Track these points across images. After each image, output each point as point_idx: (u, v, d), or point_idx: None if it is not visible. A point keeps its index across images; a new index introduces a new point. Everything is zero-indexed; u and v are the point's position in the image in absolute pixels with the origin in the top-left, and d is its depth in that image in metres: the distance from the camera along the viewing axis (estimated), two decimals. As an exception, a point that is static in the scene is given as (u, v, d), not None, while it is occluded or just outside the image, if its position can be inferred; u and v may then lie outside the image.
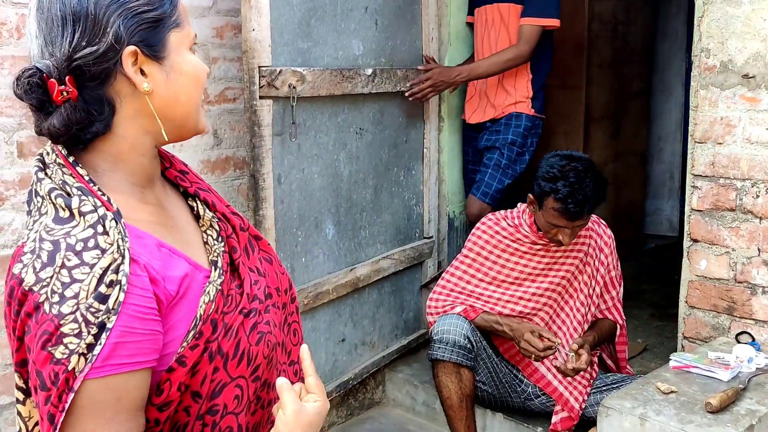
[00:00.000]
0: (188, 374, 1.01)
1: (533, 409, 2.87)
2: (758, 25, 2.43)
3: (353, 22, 2.95)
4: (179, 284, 1.02)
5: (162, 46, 1.03)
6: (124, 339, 0.93)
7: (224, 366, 1.04)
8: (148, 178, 1.09)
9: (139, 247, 0.99)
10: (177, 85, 1.05)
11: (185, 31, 1.06)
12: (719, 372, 2.29)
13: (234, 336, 1.05)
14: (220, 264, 1.09)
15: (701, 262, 2.65)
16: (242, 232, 1.17)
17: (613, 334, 2.83)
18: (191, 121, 1.09)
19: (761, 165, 2.47)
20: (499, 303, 2.75)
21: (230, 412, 1.06)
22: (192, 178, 1.18)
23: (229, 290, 1.08)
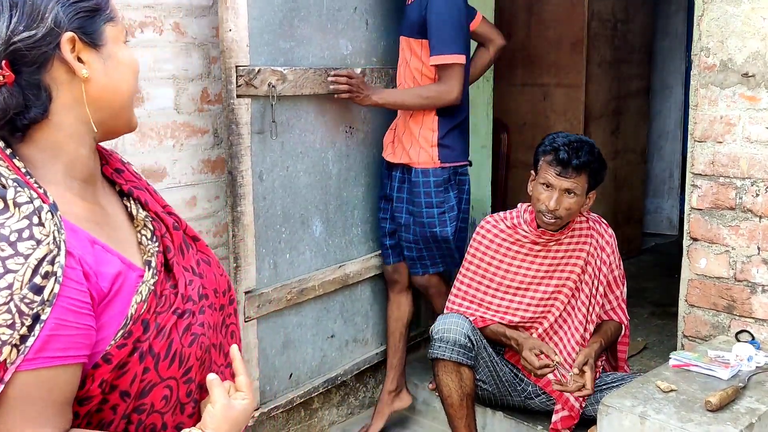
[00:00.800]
0: (114, 373, 1.00)
1: (533, 408, 2.88)
2: (758, 24, 2.43)
3: (341, 22, 2.96)
4: (112, 282, 1.01)
5: (99, 35, 1.04)
6: (57, 332, 0.93)
7: (155, 366, 1.03)
8: (88, 173, 1.08)
9: (74, 240, 0.98)
10: (115, 73, 1.06)
11: (119, 26, 1.08)
12: (719, 370, 2.30)
13: (166, 337, 1.05)
14: (153, 264, 1.09)
15: (701, 261, 2.66)
16: (176, 231, 1.17)
17: (618, 336, 2.83)
18: (126, 112, 1.11)
19: (761, 164, 2.48)
20: (509, 311, 2.76)
21: (156, 411, 1.05)
22: (127, 176, 1.18)
23: (163, 290, 1.08)
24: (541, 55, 4.57)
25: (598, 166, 2.59)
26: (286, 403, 2.92)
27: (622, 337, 2.86)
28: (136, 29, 2.47)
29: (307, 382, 3.04)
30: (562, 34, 4.47)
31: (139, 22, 2.47)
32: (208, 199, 2.74)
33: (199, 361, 1.10)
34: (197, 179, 2.70)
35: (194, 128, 2.66)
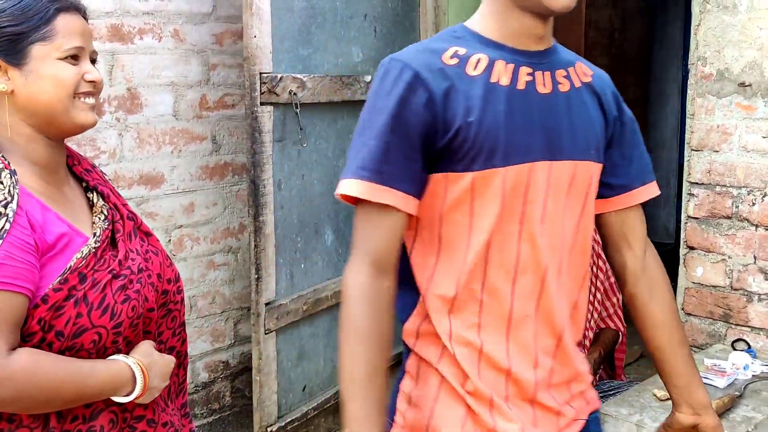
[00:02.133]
0: (50, 313, 1.20)
1: (530, 416, 2.87)
2: (754, 34, 2.44)
3: (353, 30, 2.96)
4: (57, 238, 1.23)
5: (22, 55, 1.26)
6: (6, 262, 1.15)
7: (88, 314, 1.23)
8: (46, 162, 1.30)
9: (26, 200, 1.21)
10: (34, 88, 1.26)
11: (55, 44, 1.27)
12: (715, 379, 2.30)
13: (101, 290, 1.25)
14: (98, 234, 1.29)
15: (697, 269, 2.67)
16: (128, 221, 1.38)
17: (616, 343, 2.84)
18: (59, 117, 1.28)
19: (757, 173, 2.49)
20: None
21: (85, 350, 1.24)
22: (94, 176, 1.41)
23: (104, 254, 1.28)
24: (538, 64, 4.58)
25: None
26: (300, 416, 2.89)
27: (619, 345, 2.87)
28: (136, 36, 2.48)
29: (320, 394, 3.01)
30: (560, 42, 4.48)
31: (139, 28, 2.48)
32: (207, 206, 2.74)
33: (129, 319, 1.28)
34: (195, 185, 2.70)
35: (193, 135, 2.67)
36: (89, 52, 1.32)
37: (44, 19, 1.27)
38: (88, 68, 1.31)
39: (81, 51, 1.30)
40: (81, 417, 1.26)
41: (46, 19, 1.27)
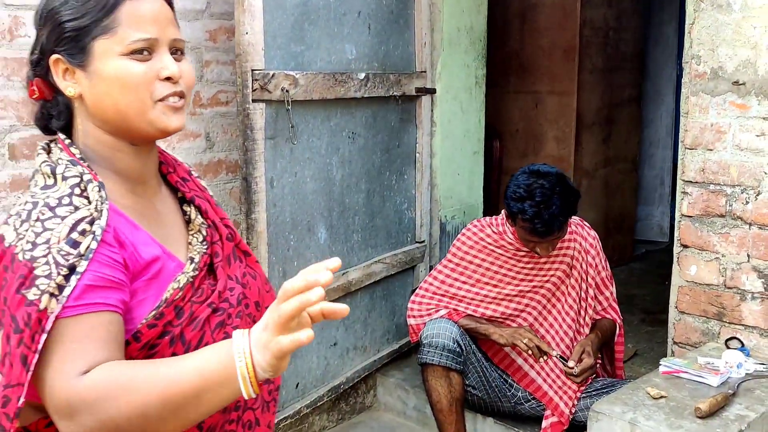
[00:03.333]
0: (142, 352, 1.04)
1: (523, 414, 2.88)
2: (748, 33, 2.45)
3: (346, 27, 2.96)
4: (150, 261, 1.08)
5: (84, 54, 1.09)
6: (94, 282, 1.00)
7: (184, 353, 1.03)
8: (132, 172, 1.15)
9: (114, 218, 1.07)
10: (101, 91, 1.10)
11: (118, 37, 1.08)
12: (709, 377, 2.30)
13: (199, 328, 1.08)
14: (197, 260, 1.13)
15: (691, 268, 2.67)
16: (228, 242, 1.21)
17: (614, 332, 2.85)
18: (131, 122, 1.11)
19: (751, 171, 2.49)
20: (482, 303, 2.77)
21: None
22: (191, 186, 1.24)
23: (201, 284, 1.12)
24: (533, 63, 4.58)
25: (571, 210, 2.60)
26: (293, 414, 2.89)
27: (617, 337, 2.87)
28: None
29: (313, 391, 3.02)
30: (555, 41, 4.49)
31: (132, 25, 2.47)
32: (200, 203, 2.73)
33: None
34: (189, 183, 2.69)
35: (186, 132, 2.66)
36: (168, 41, 1.12)
37: (106, 8, 1.08)
38: (164, 62, 1.10)
39: (153, 43, 1.10)
40: None
41: (108, 8, 1.08)
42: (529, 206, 2.52)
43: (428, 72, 3.41)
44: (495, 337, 2.70)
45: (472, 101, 3.74)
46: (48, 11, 1.10)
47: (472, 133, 3.78)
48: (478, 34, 3.72)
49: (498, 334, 2.69)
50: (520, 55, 4.62)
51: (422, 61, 3.38)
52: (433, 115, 3.50)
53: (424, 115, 3.44)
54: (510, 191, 2.61)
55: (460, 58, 3.60)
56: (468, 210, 3.79)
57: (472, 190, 3.83)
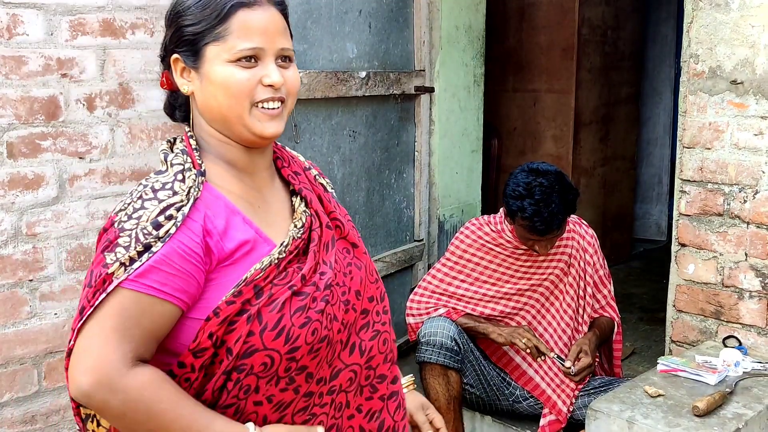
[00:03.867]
0: (221, 327, 1.10)
1: (521, 412, 2.88)
2: (746, 32, 2.45)
3: (348, 25, 2.96)
4: (238, 245, 1.14)
5: (198, 57, 1.19)
6: (161, 266, 1.08)
7: (260, 333, 1.11)
8: (243, 165, 1.23)
9: (212, 203, 1.15)
10: (207, 91, 1.19)
11: (227, 44, 1.17)
12: (706, 376, 2.31)
13: (277, 309, 1.13)
14: (286, 242, 1.19)
15: (689, 267, 2.67)
16: (327, 230, 1.26)
17: (612, 330, 2.86)
18: (231, 125, 1.20)
19: (749, 170, 2.50)
20: (481, 302, 2.77)
21: (254, 373, 1.13)
22: (302, 179, 1.31)
23: (287, 267, 1.17)
24: (532, 61, 4.59)
25: (570, 208, 2.60)
26: None
27: (615, 335, 2.88)
28: (128, 31, 2.47)
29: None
30: (553, 40, 4.49)
31: (131, 23, 2.46)
32: (199, 202, 2.74)
33: (308, 345, 1.15)
34: (188, 181, 2.69)
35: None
36: (276, 50, 1.19)
37: (220, 16, 1.17)
38: (268, 70, 1.18)
39: (260, 52, 1.17)
40: None
41: (222, 17, 1.17)
42: (528, 204, 2.52)
43: (427, 70, 3.41)
44: (493, 336, 2.70)
45: (471, 100, 3.75)
46: (173, 14, 1.21)
47: (471, 132, 3.78)
48: (477, 32, 3.72)
49: (496, 333, 2.69)
50: (518, 53, 4.62)
51: (421, 60, 3.38)
52: (431, 113, 3.50)
53: (423, 114, 3.44)
54: (509, 189, 2.61)
55: (458, 57, 3.61)
56: (466, 208, 3.79)
57: (470, 188, 3.84)
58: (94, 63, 2.41)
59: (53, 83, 2.32)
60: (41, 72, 2.29)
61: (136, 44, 2.48)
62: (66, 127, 2.37)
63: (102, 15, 2.41)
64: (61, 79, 2.34)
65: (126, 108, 2.50)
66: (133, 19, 2.46)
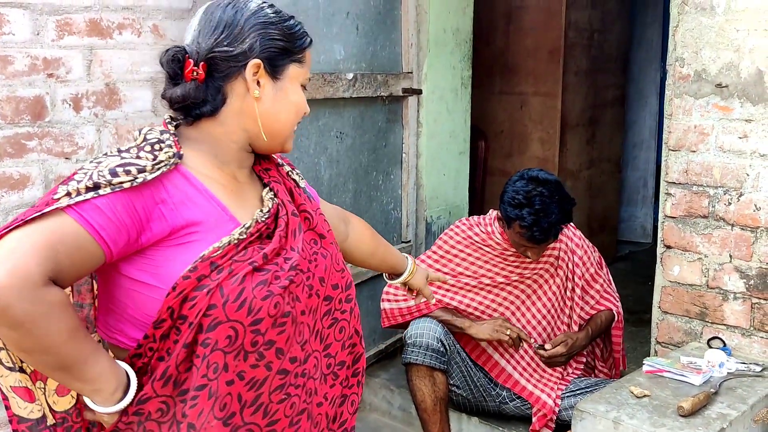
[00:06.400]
0: (178, 300, 1.16)
1: (508, 413, 2.89)
2: (731, 36, 2.47)
3: (335, 27, 2.96)
4: (197, 221, 1.20)
5: (281, 69, 1.29)
6: (104, 209, 1.12)
7: (223, 305, 1.16)
8: (230, 159, 1.30)
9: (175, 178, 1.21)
10: (280, 104, 1.30)
11: (303, 70, 1.33)
12: (691, 376, 2.33)
13: (239, 282, 1.18)
14: (249, 224, 1.25)
15: (674, 268, 2.69)
16: (293, 217, 1.33)
17: (611, 322, 2.88)
18: (281, 138, 1.33)
19: (733, 173, 2.52)
20: (460, 291, 2.77)
21: (220, 349, 1.17)
22: (272, 174, 1.38)
23: (249, 246, 1.23)
24: (518, 64, 4.60)
25: (567, 218, 2.63)
26: None
27: (616, 323, 2.90)
28: (114, 31, 2.46)
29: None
30: (540, 42, 4.51)
31: (118, 23, 2.46)
32: (186, 203, 2.73)
33: (272, 318, 1.20)
34: (174, 182, 2.68)
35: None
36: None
37: (303, 45, 1.33)
38: (304, 101, 1.35)
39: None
40: None
41: (304, 46, 1.33)
42: (527, 213, 2.53)
43: (415, 73, 3.42)
44: (472, 332, 2.70)
45: (458, 102, 3.76)
46: (262, 21, 1.29)
47: (458, 134, 3.79)
48: (464, 35, 3.73)
49: (476, 329, 2.70)
50: (505, 56, 4.64)
51: (409, 62, 3.39)
52: (419, 115, 3.51)
53: (411, 116, 3.45)
54: (508, 197, 2.60)
55: (446, 59, 3.62)
56: (453, 210, 3.80)
57: (457, 190, 3.85)
58: (81, 63, 2.40)
59: (39, 83, 2.31)
60: (27, 72, 2.28)
61: (123, 44, 2.47)
62: (52, 128, 2.36)
63: (89, 15, 2.40)
64: (47, 79, 2.33)
65: (112, 108, 2.49)
66: (120, 19, 2.45)
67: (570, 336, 2.72)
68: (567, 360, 2.74)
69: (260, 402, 1.22)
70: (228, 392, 1.18)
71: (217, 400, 1.17)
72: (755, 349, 2.54)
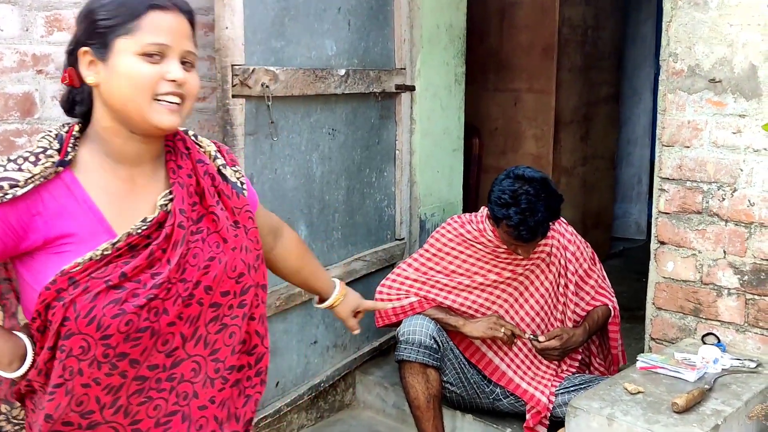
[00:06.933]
0: (42, 306, 1.22)
1: (502, 410, 2.88)
2: (725, 31, 2.46)
3: (327, 23, 2.94)
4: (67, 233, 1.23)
5: (107, 49, 1.26)
6: None
7: (75, 319, 1.21)
8: (122, 155, 1.30)
9: (56, 188, 1.25)
10: (113, 83, 1.26)
11: (136, 38, 1.25)
12: (685, 372, 2.32)
13: (90, 300, 1.21)
14: (116, 240, 1.25)
15: (668, 264, 2.69)
16: (179, 229, 1.30)
17: (607, 318, 2.88)
18: (137, 114, 1.27)
19: (727, 168, 2.51)
20: (454, 291, 2.77)
21: (74, 356, 1.22)
22: (181, 173, 1.35)
23: (116, 260, 1.25)
24: (512, 60, 4.59)
25: (555, 215, 2.62)
26: (274, 413, 2.88)
27: (612, 318, 2.89)
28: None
29: (293, 390, 3.00)
30: (534, 39, 4.51)
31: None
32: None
33: (122, 334, 1.23)
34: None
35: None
36: (181, 52, 1.28)
37: (134, 14, 1.26)
38: (171, 67, 1.27)
39: (165, 49, 1.26)
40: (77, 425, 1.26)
41: (135, 15, 1.26)
42: (514, 213, 2.52)
43: (408, 69, 3.40)
44: (466, 330, 2.70)
45: (452, 99, 3.74)
46: (88, 11, 1.29)
47: (452, 131, 3.78)
48: (458, 31, 3.72)
49: (470, 327, 2.69)
50: (499, 52, 4.63)
51: (402, 58, 3.37)
52: (412, 112, 3.49)
53: (404, 112, 3.43)
54: (494, 196, 2.60)
55: (439, 56, 3.60)
56: (447, 207, 3.79)
57: (451, 187, 3.83)
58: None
59: (28, 80, 2.29)
60: (16, 68, 2.25)
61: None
62: (42, 124, 2.33)
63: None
64: (36, 76, 2.30)
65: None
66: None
67: (566, 331, 2.72)
68: (561, 355, 2.73)
69: (119, 404, 1.27)
70: (84, 393, 1.25)
71: (73, 398, 1.24)
72: (749, 345, 2.53)
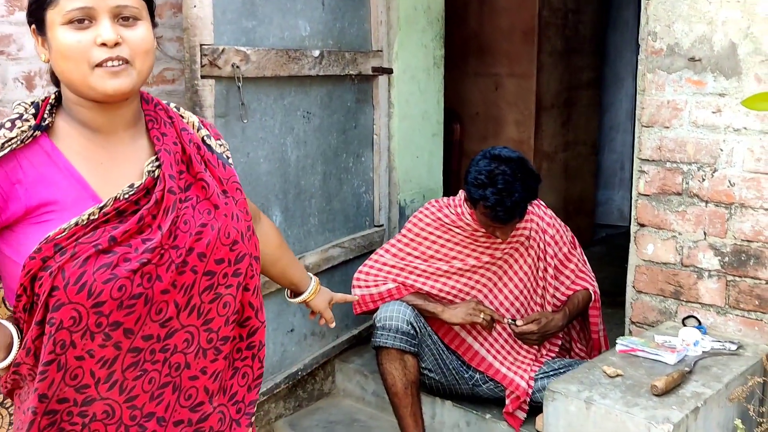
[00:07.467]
0: (27, 279, 1.16)
1: (482, 396, 2.85)
2: (704, 8, 2.42)
3: (300, 2, 2.88)
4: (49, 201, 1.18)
5: (43, 23, 1.20)
6: None
7: (64, 288, 1.15)
8: (99, 126, 1.25)
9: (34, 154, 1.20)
10: (53, 58, 1.22)
11: (59, 8, 1.17)
12: (665, 355, 2.29)
13: (79, 265, 1.15)
14: (103, 204, 1.20)
15: (648, 247, 2.65)
16: (170, 195, 1.24)
17: (588, 302, 2.85)
18: (80, 87, 1.20)
19: (707, 148, 2.48)
20: (432, 276, 2.73)
21: (65, 328, 1.16)
22: (166, 141, 1.30)
23: (103, 225, 1.19)
24: (493, 44, 4.54)
25: (532, 195, 2.58)
26: None
27: (593, 303, 2.86)
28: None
29: (269, 380, 2.95)
30: (514, 22, 4.46)
31: None
32: (147, 185, 2.65)
33: (115, 300, 1.17)
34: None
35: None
36: (108, 9, 1.18)
37: None
38: (100, 29, 1.17)
39: (90, 11, 1.17)
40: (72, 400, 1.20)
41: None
42: (491, 193, 2.48)
43: (385, 51, 3.34)
44: (445, 316, 2.67)
45: (431, 82, 3.69)
46: None
47: (431, 115, 3.72)
48: (436, 13, 3.66)
49: (449, 314, 2.66)
50: (479, 36, 4.58)
51: (378, 40, 3.31)
52: (390, 95, 3.43)
53: (381, 96, 3.37)
54: (471, 177, 2.56)
55: (417, 38, 3.54)
56: (427, 193, 3.74)
57: (431, 173, 3.78)
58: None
59: (-12, 60, 2.22)
60: (-25, 48, 2.19)
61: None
62: (4, 107, 2.27)
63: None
64: (-4, 56, 2.24)
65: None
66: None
67: (544, 315, 2.68)
68: (540, 340, 2.70)
69: (114, 379, 1.22)
70: (78, 365, 1.19)
71: (67, 372, 1.18)
72: (730, 328, 2.50)
